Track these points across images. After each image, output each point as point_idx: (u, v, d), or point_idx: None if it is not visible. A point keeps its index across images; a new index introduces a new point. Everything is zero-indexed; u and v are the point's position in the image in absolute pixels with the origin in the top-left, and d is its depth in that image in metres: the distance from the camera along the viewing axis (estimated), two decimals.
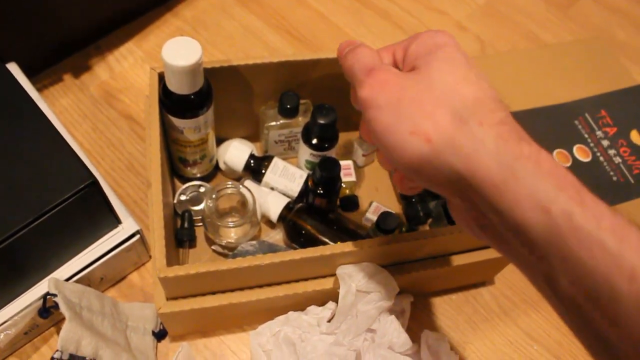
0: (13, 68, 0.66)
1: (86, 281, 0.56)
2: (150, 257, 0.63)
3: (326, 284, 0.54)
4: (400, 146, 0.33)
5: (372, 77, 0.35)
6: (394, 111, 0.33)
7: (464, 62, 0.34)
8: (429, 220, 0.68)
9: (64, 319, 0.58)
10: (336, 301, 0.54)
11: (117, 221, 0.57)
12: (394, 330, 0.53)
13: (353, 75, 0.37)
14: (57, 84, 0.75)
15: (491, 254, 0.58)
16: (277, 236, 0.66)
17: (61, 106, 0.73)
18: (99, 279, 0.58)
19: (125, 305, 0.58)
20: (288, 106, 0.64)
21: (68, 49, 0.77)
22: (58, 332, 0.58)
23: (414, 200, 0.68)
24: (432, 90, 0.33)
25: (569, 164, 0.74)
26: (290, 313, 0.56)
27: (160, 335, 0.59)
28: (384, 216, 0.61)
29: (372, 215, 0.67)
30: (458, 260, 0.58)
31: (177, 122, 0.58)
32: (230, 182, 0.62)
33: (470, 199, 0.33)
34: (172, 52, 0.52)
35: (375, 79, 0.35)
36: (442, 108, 0.32)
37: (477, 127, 0.31)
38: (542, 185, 0.29)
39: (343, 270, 0.51)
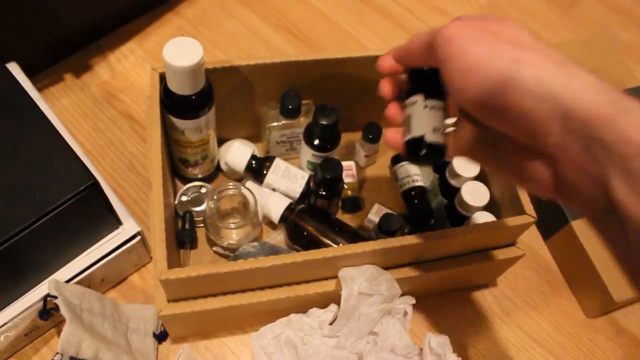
0: (13, 68, 0.65)
1: (87, 282, 0.56)
2: (151, 258, 0.63)
3: (328, 286, 0.54)
4: (498, 54, 0.32)
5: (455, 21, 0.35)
6: (487, 36, 0.33)
7: None
8: (432, 222, 0.68)
9: (64, 320, 0.57)
10: (338, 303, 0.54)
11: (117, 222, 0.56)
12: (396, 333, 0.53)
13: (424, 40, 0.36)
14: (57, 84, 0.75)
15: (494, 256, 0.58)
16: (278, 237, 0.65)
17: (62, 106, 0.73)
18: (100, 281, 0.58)
19: (126, 306, 0.58)
20: (290, 107, 0.63)
21: (69, 48, 0.77)
22: (59, 334, 0.58)
23: (416, 201, 0.68)
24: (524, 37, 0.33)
25: None
26: (292, 315, 0.55)
27: (161, 337, 0.58)
28: (386, 218, 0.61)
29: (374, 217, 0.67)
30: (461, 262, 0.58)
31: (178, 122, 0.57)
32: (231, 183, 0.62)
33: (567, 132, 0.31)
34: (173, 53, 0.51)
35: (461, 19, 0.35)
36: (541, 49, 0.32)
37: (577, 68, 0.31)
38: None
39: (345, 273, 0.51)
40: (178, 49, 0.52)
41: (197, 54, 0.52)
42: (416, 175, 0.69)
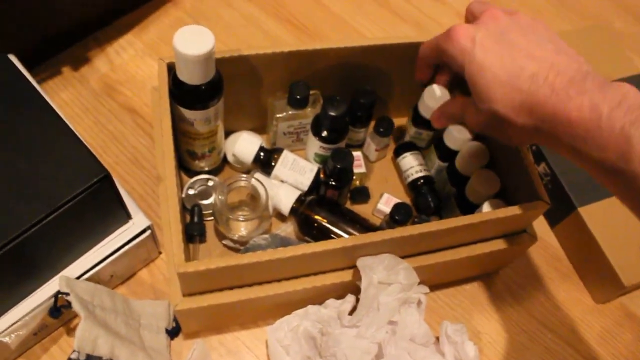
0: (12, 60, 0.63)
1: (96, 279, 0.55)
2: (159, 253, 0.62)
3: (345, 276, 0.54)
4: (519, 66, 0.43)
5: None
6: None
7: None
8: (440, 211, 0.67)
9: (73, 318, 0.56)
10: (354, 293, 0.54)
11: (127, 216, 0.55)
12: (414, 322, 0.53)
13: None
14: (56, 77, 0.73)
15: (504, 243, 0.58)
16: (288, 229, 0.65)
17: (61, 100, 0.71)
18: (109, 277, 0.57)
19: (137, 302, 0.57)
20: (298, 97, 0.62)
21: (66, 41, 0.75)
22: (67, 333, 0.57)
23: (423, 190, 0.67)
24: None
25: None
26: (309, 307, 0.55)
27: (173, 332, 0.57)
28: (399, 207, 0.60)
29: (383, 207, 0.66)
30: (473, 250, 0.57)
31: (187, 113, 0.56)
32: (243, 175, 0.61)
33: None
34: (184, 41, 0.50)
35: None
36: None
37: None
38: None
39: (364, 262, 0.51)
40: (189, 37, 0.50)
41: (209, 42, 0.50)
42: (419, 165, 0.68)
